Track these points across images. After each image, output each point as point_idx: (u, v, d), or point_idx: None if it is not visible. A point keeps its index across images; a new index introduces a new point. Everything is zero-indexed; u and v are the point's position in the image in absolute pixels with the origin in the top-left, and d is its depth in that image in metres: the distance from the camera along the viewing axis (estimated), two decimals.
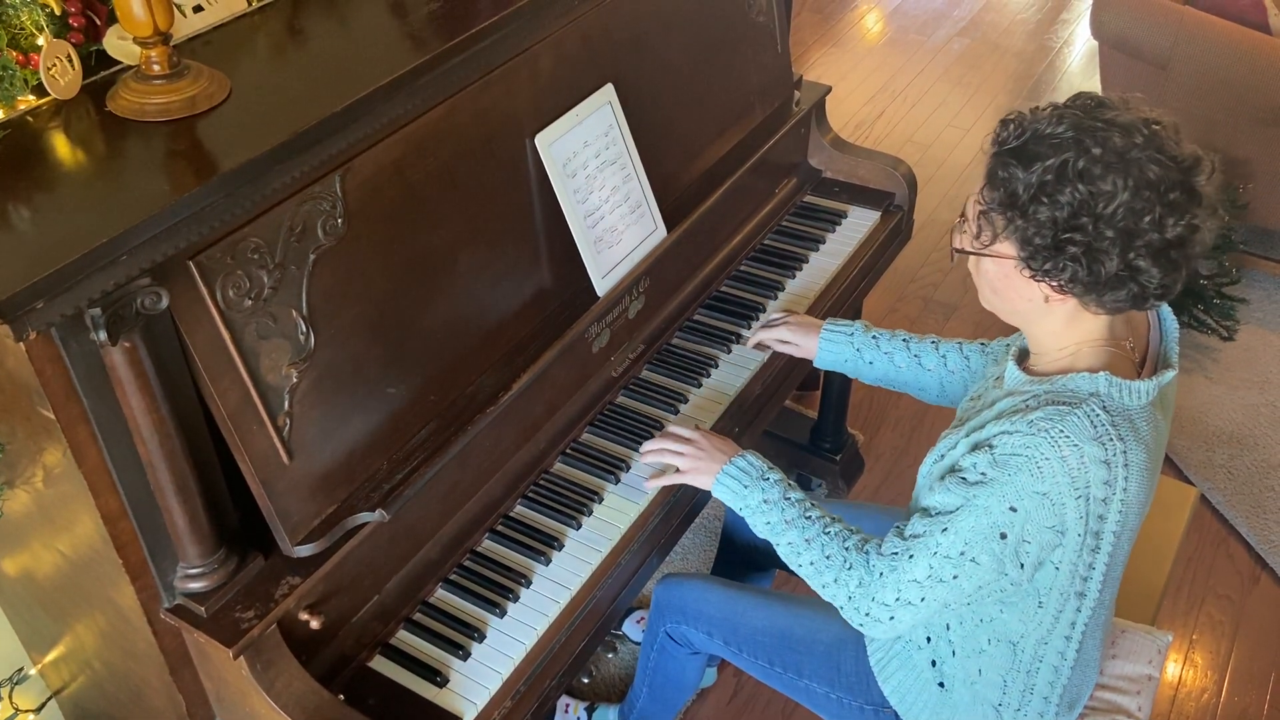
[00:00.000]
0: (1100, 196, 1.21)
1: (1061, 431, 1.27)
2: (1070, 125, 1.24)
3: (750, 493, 1.54)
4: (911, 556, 1.37)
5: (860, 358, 1.79)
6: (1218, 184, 1.26)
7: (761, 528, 1.53)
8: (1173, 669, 2.37)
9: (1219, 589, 2.52)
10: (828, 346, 1.82)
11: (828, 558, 1.45)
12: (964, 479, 1.33)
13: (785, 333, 1.87)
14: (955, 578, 1.34)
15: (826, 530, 1.47)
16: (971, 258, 1.37)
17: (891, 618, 1.41)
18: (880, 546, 1.42)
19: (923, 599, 1.37)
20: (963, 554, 1.33)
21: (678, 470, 1.63)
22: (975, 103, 4.33)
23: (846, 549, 1.44)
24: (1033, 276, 1.29)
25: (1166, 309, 1.44)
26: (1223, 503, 2.68)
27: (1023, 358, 1.45)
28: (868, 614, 1.42)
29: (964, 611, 1.44)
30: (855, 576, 1.42)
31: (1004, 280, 1.34)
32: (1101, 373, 1.30)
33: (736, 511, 1.57)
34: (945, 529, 1.34)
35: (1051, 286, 1.29)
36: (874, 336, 1.79)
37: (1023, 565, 1.33)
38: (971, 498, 1.31)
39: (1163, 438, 1.38)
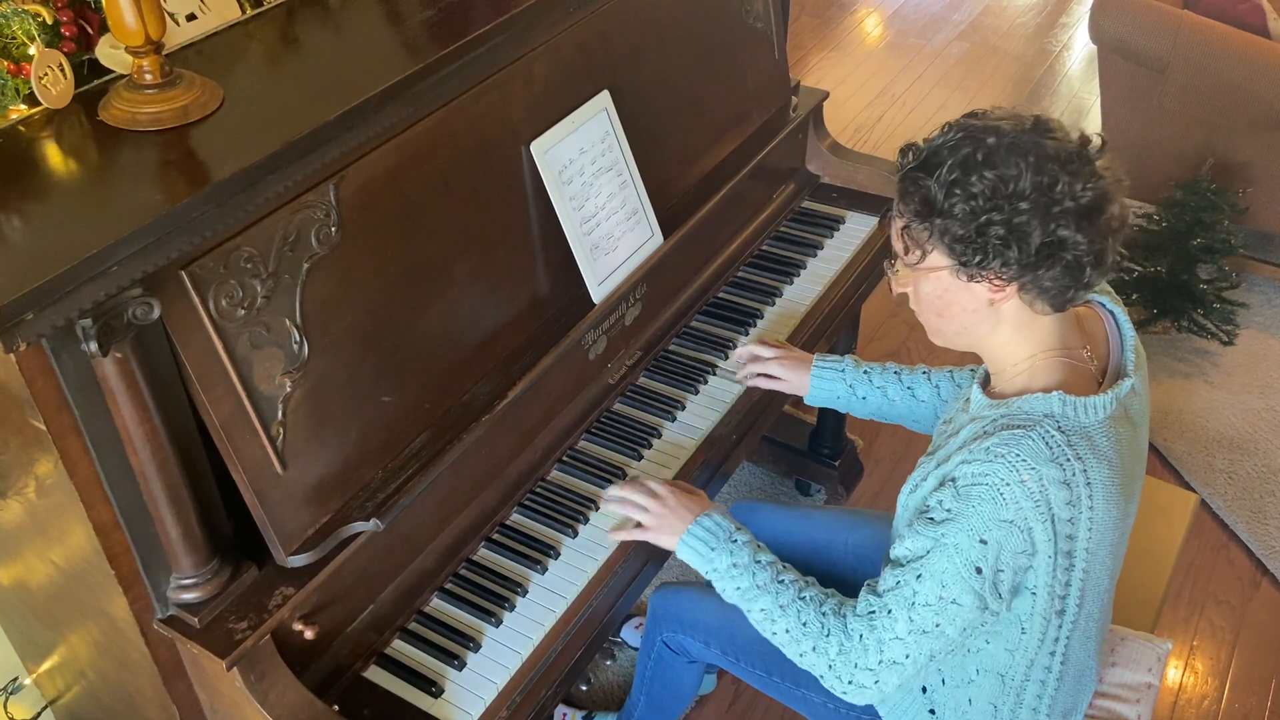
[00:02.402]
0: (1008, 178, 1.25)
1: (1018, 455, 1.26)
2: (959, 129, 1.30)
3: (718, 555, 1.47)
4: (889, 612, 1.33)
5: (853, 393, 1.77)
6: (1112, 159, 1.29)
7: (731, 593, 1.46)
8: (1173, 676, 2.36)
9: (1219, 595, 2.52)
10: (820, 384, 1.79)
11: (804, 624, 1.40)
12: (931, 519, 1.31)
13: (775, 368, 1.83)
14: (938, 625, 1.31)
15: (801, 595, 1.42)
16: (910, 294, 1.38)
17: (876, 682, 1.36)
18: (856, 608, 1.38)
19: (907, 656, 1.34)
20: (941, 598, 1.30)
21: (640, 525, 1.57)
22: (974, 106, 4.32)
23: (823, 614, 1.40)
24: (970, 278, 1.30)
25: (1124, 316, 1.43)
26: (1223, 508, 2.67)
27: (987, 381, 1.44)
28: (850, 682, 1.37)
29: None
30: (834, 643, 1.37)
31: (944, 297, 1.34)
32: (1055, 392, 1.30)
33: (703, 575, 1.50)
34: (919, 575, 1.31)
35: (991, 284, 1.29)
36: (865, 371, 1.77)
37: (1001, 595, 1.31)
38: (940, 537, 1.29)
39: (1130, 450, 1.35)
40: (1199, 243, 3.01)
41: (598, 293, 1.76)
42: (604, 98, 1.76)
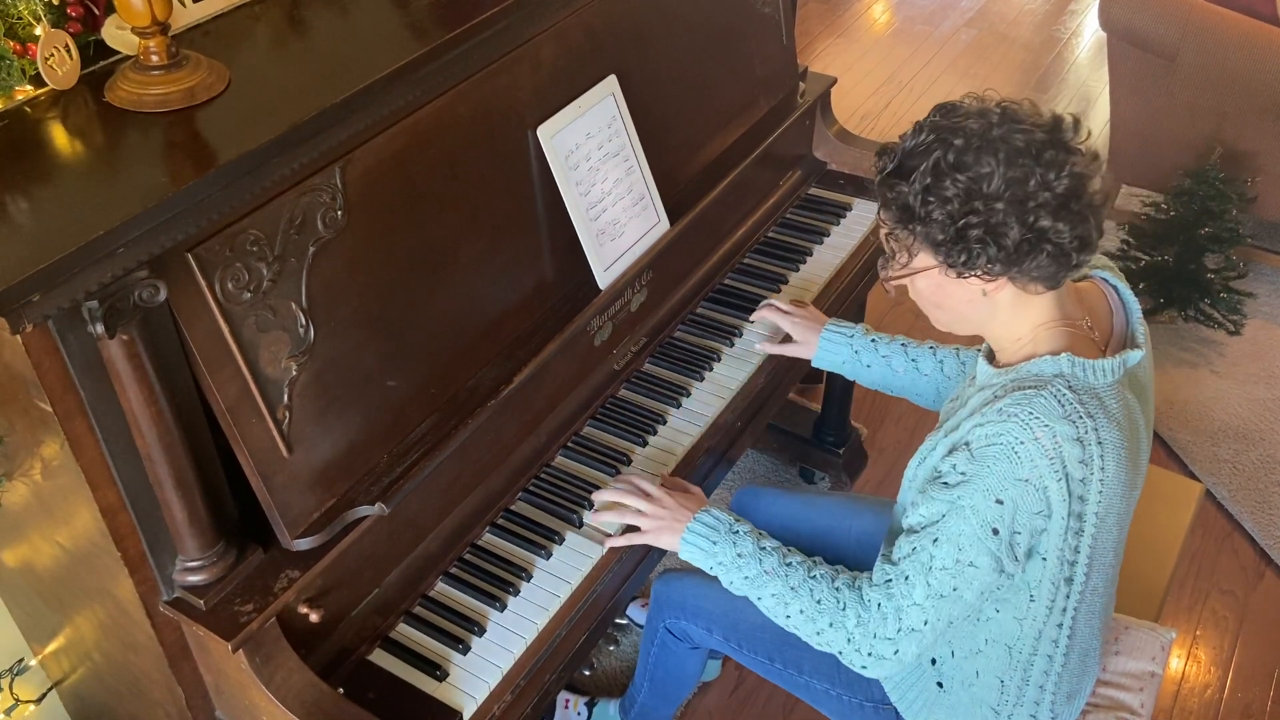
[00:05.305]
0: (980, 178, 1.25)
1: (1031, 413, 1.27)
2: (929, 130, 1.29)
3: (720, 549, 1.46)
4: (906, 579, 1.33)
5: (858, 360, 1.78)
6: (1087, 134, 1.30)
7: (739, 584, 1.45)
8: (1176, 664, 2.36)
9: (1223, 585, 2.51)
10: (827, 346, 1.81)
11: (818, 602, 1.39)
12: (945, 483, 1.31)
13: (788, 324, 1.85)
14: (955, 589, 1.32)
15: (812, 574, 1.41)
16: (909, 287, 1.39)
17: (896, 651, 1.35)
18: (871, 578, 1.38)
19: (925, 622, 1.34)
20: (958, 561, 1.30)
21: (639, 530, 1.54)
22: (983, 95, 4.30)
23: (837, 589, 1.39)
24: (959, 275, 1.31)
25: (1126, 290, 1.43)
26: (1228, 498, 2.67)
27: (992, 356, 1.45)
28: (870, 654, 1.37)
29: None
30: (852, 615, 1.37)
31: (939, 291, 1.36)
32: (1064, 354, 1.31)
33: (707, 572, 1.49)
34: (936, 539, 1.31)
35: (980, 277, 1.30)
36: (873, 340, 1.78)
37: (1017, 558, 1.32)
38: (956, 500, 1.30)
39: (1139, 419, 1.37)
40: (1206, 232, 3.00)
41: (603, 279, 1.76)
42: (611, 82, 1.75)
